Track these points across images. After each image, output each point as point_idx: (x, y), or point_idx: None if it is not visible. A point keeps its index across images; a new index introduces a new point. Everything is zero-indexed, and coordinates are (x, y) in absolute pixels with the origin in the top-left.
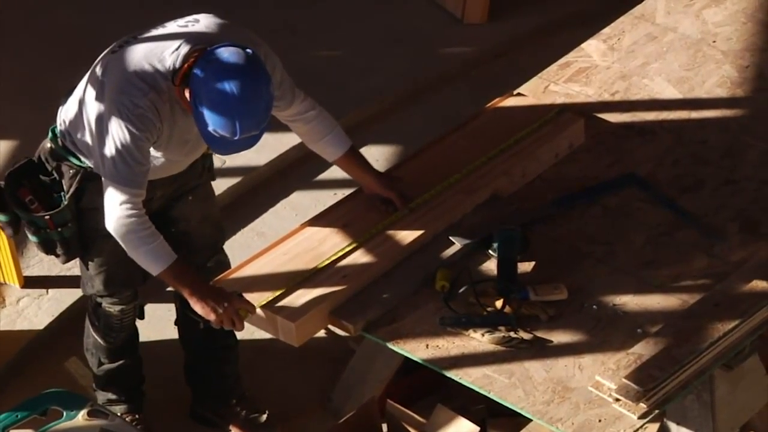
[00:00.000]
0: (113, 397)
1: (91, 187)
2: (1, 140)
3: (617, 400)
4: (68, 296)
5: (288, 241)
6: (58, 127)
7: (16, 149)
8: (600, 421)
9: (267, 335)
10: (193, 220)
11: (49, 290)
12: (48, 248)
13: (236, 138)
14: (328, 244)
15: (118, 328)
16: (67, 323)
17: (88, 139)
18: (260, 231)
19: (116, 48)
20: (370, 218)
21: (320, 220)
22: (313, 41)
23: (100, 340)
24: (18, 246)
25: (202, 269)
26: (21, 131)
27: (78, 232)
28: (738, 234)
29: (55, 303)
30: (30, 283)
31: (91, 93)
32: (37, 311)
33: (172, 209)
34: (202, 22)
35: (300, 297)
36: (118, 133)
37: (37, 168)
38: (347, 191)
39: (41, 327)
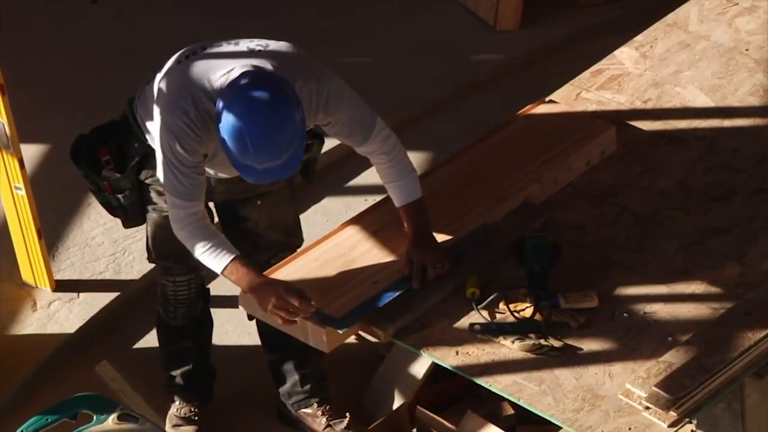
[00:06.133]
0: (172, 381)
1: (151, 162)
2: (32, 145)
3: (647, 408)
4: (99, 300)
5: (319, 247)
6: (136, 100)
7: (47, 154)
8: (630, 429)
9: None
10: (260, 224)
11: (81, 294)
12: (109, 210)
13: (261, 167)
14: (359, 250)
15: (173, 300)
16: (98, 327)
17: (152, 128)
18: None
19: (182, 58)
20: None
21: (351, 226)
22: (344, 48)
23: (161, 310)
24: (49, 250)
25: (265, 266)
26: (52, 137)
27: (138, 203)
28: None
29: (86, 307)
30: (61, 286)
31: (156, 93)
32: (68, 315)
33: (239, 209)
34: (272, 47)
35: (331, 303)
36: (166, 148)
37: (123, 130)
38: (378, 197)
39: (72, 331)
